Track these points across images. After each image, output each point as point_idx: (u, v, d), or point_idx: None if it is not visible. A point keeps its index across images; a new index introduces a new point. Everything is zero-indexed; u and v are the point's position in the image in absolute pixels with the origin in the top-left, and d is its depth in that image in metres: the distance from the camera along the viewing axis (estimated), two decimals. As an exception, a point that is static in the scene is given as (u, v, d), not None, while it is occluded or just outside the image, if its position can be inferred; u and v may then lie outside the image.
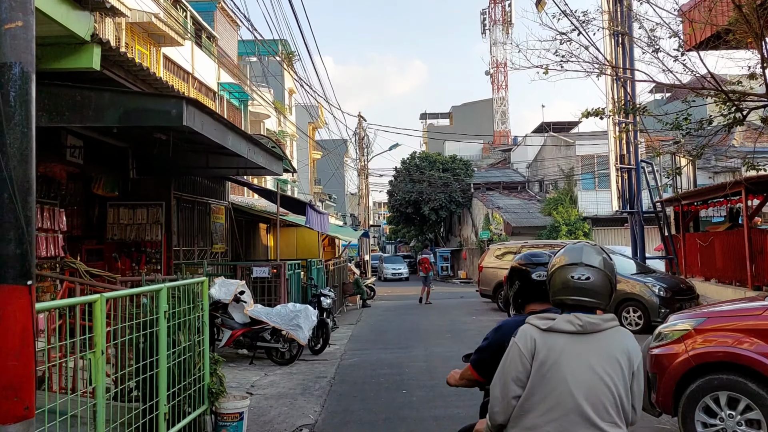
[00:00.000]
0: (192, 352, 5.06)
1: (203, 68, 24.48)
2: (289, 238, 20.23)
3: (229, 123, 6.82)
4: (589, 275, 2.21)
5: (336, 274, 16.85)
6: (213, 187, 13.29)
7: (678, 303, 10.98)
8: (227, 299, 8.90)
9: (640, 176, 16.55)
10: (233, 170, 9.79)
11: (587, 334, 2.17)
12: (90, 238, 9.38)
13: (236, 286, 8.99)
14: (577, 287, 2.21)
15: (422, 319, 15.13)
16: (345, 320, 15.21)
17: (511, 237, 32.64)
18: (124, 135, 8.27)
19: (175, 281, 5.19)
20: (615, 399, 2.12)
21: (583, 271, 2.22)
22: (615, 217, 33.99)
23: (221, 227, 13.75)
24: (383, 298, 23.17)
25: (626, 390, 2.15)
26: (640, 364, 2.24)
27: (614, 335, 2.20)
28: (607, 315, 2.25)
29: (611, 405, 2.11)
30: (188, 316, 5.07)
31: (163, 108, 5.59)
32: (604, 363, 2.13)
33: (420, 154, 45.02)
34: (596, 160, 34.89)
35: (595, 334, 2.17)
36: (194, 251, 12.05)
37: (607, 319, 2.22)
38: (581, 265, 2.23)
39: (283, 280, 9.71)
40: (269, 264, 10.02)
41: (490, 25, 70.39)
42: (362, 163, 27.46)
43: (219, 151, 9.01)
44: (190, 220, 11.94)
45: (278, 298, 9.64)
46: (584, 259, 2.25)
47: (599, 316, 2.22)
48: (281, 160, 9.53)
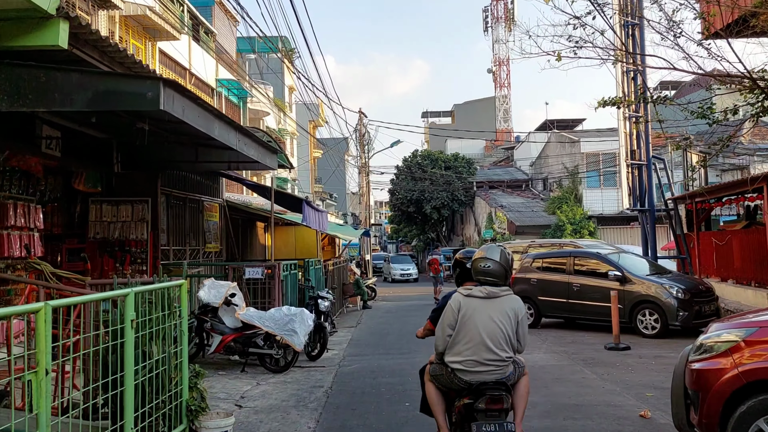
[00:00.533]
0: (167, 365, 4.46)
1: (201, 64, 23.89)
2: (287, 238, 19.64)
3: (215, 110, 6.22)
4: (490, 264, 3.73)
5: (335, 275, 16.26)
6: (206, 183, 12.70)
7: (697, 306, 10.37)
8: (217, 302, 8.30)
9: (651, 173, 15.93)
10: (224, 164, 9.20)
11: (491, 299, 3.70)
12: (71, 236, 8.79)
13: (227, 288, 8.39)
14: (483, 272, 3.75)
15: (424, 321, 14.45)
16: (345, 323, 14.61)
17: (515, 236, 32.07)
18: (106, 125, 7.67)
19: (150, 284, 4.60)
20: (505, 336, 3.64)
21: (487, 262, 3.74)
22: (621, 215, 33.41)
23: (215, 226, 13.17)
24: (385, 299, 22.59)
25: (513, 332, 3.68)
26: (524, 316, 3.78)
27: (508, 299, 3.73)
28: (504, 287, 3.74)
29: (503, 340, 3.64)
30: (163, 324, 4.48)
31: (137, 90, 5.00)
32: (500, 315, 3.64)
33: (422, 152, 44.36)
34: (601, 158, 34.27)
35: (495, 298, 3.70)
36: (186, 251, 11.46)
37: (504, 290, 3.74)
38: (486, 258, 3.75)
39: (277, 282, 9.10)
40: (263, 264, 9.40)
41: (492, 22, 69.76)
42: (363, 160, 26.83)
43: (208, 143, 8.43)
44: (181, 218, 11.35)
45: (272, 300, 9.04)
46: (488, 254, 3.77)
47: (499, 288, 3.72)
48: (275, 153, 8.93)
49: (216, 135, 6.38)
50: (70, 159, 8.41)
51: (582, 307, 11.36)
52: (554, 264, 12.17)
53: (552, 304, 11.86)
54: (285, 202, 13.37)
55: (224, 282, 8.61)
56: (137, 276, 8.56)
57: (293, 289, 10.18)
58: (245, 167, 9.28)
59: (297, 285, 10.41)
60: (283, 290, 9.17)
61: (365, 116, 26.44)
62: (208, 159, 9.03)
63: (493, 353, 3.61)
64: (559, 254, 12.71)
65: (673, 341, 10.06)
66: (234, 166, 9.16)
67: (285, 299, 9.33)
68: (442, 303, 4.00)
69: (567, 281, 11.61)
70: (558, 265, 12.04)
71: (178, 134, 8.02)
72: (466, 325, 3.65)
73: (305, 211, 10.40)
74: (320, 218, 12.13)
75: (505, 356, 3.65)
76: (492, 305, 3.66)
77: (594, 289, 11.19)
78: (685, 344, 9.81)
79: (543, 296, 11.99)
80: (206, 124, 6.06)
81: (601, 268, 11.33)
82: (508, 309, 3.68)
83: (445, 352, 3.76)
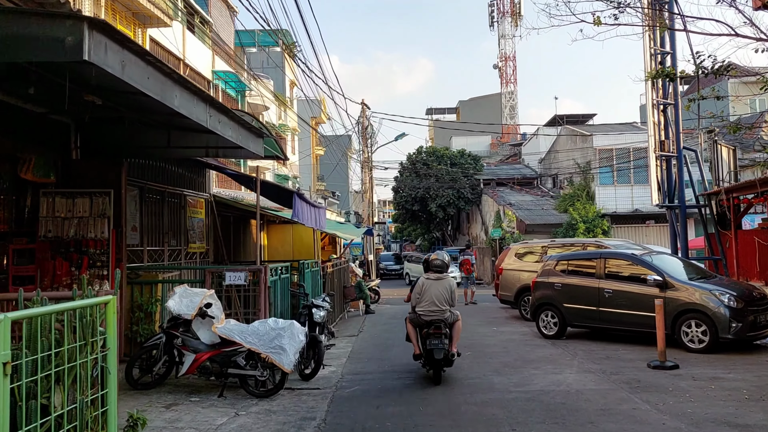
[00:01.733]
0: (78, 420, 3.10)
1: (196, 55, 22.56)
2: (284, 237, 18.26)
3: (175, 73, 4.85)
4: (438, 262, 8.05)
5: (335, 277, 14.90)
6: (190, 176, 11.35)
7: (752, 315, 8.95)
8: (189, 314, 6.94)
9: (682, 165, 14.50)
10: (201, 150, 7.82)
11: (437, 279, 7.88)
12: (20, 235, 7.43)
13: (201, 296, 7.03)
14: (434, 265, 8.04)
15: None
16: (345, 330, 13.24)
17: (525, 235, 30.71)
18: (56, 101, 6.30)
19: (61, 300, 3.24)
20: (444, 298, 7.77)
21: (437, 260, 8.05)
22: (635, 213, 31.95)
23: (200, 223, 11.81)
24: (389, 302, 21.20)
25: (449, 296, 7.82)
26: (454, 287, 7.97)
27: (446, 280, 7.92)
28: (444, 273, 8.01)
29: (443, 300, 7.76)
30: (75, 361, 3.12)
31: (52, 34, 3.63)
32: (441, 288, 7.77)
33: (427, 148, 42.87)
34: (615, 154, 32.82)
35: (440, 279, 7.88)
36: (164, 251, 10.11)
37: (444, 275, 7.99)
38: (437, 258, 8.08)
39: (263, 289, 7.70)
40: (246, 268, 8.00)
41: (498, 17, 68.24)
42: (366, 154, 25.38)
43: (183, 125, 7.06)
44: (158, 215, 10.00)
45: (258, 311, 7.66)
46: (438, 257, 8.13)
47: (442, 273, 7.98)
48: (261, 137, 7.56)
49: (176, 106, 5.00)
50: (16, 143, 7.07)
51: (615, 315, 9.94)
52: (582, 267, 10.75)
53: (580, 312, 10.46)
54: (273, 194, 11.84)
55: (199, 290, 7.24)
56: (96, 282, 7.20)
57: (284, 297, 8.80)
58: (227, 154, 7.89)
59: (289, 291, 9.02)
60: (270, 298, 7.78)
61: (368, 108, 24.96)
62: (182, 144, 7.66)
63: (437, 306, 7.72)
64: (587, 255, 11.27)
65: (725, 357, 8.65)
66: (213, 152, 7.78)
67: (273, 309, 7.94)
68: (414, 282, 8.24)
69: (597, 286, 10.20)
70: (586, 268, 10.63)
71: (141, 112, 6.66)
72: (425, 293, 7.80)
73: (296, 205, 8.92)
74: (317, 215, 10.70)
75: (444, 308, 7.73)
76: (438, 283, 7.83)
77: (630, 296, 9.78)
78: (740, 360, 8.43)
79: (569, 303, 10.58)
80: (161, 89, 4.69)
81: (638, 271, 9.91)
82: (447, 284, 7.86)
83: (415, 306, 7.89)
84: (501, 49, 67.11)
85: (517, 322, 13.67)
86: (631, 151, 32.30)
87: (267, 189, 11.03)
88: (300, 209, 8.98)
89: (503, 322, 13.94)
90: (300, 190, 8.98)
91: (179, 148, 7.73)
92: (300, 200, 9.05)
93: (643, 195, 32.39)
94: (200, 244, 11.68)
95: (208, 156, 7.98)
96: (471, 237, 41.29)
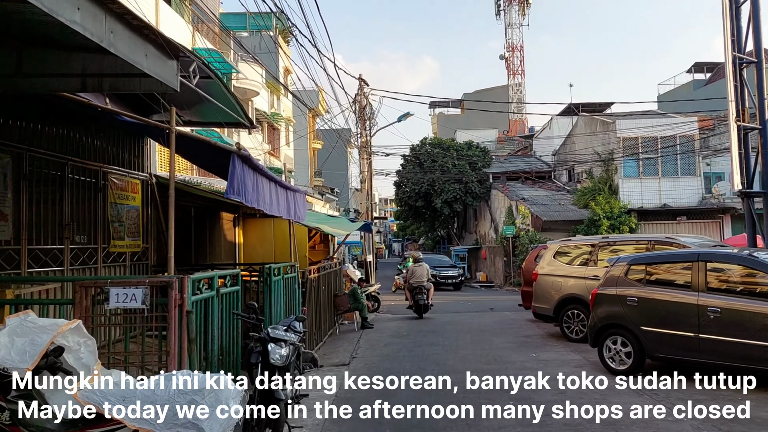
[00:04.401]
0: None
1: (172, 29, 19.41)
2: (263, 233, 15.03)
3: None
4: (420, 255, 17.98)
5: (322, 284, 11.74)
6: (113, 148, 8.18)
7: None
8: (24, 366, 3.77)
9: (767, 140, 11.33)
10: (74, 79, 4.63)
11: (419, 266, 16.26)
12: None
13: (49, 336, 3.86)
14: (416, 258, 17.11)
15: (450, 354, 9.94)
16: (333, 354, 10.10)
17: (541, 233, 27.59)
18: None
19: None
20: (425, 276, 15.88)
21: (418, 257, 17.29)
22: (664, 209, 28.77)
23: (134, 213, 8.64)
24: (391, 310, 18.06)
25: (427, 275, 16.01)
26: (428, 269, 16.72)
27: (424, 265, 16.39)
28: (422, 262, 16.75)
29: (423, 277, 15.83)
30: None
31: None
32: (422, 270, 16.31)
33: (431, 140, 39.60)
34: (640, 142, 29.59)
35: (421, 266, 16.22)
36: (64, 251, 6.95)
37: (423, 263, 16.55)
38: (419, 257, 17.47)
39: (174, 317, 4.47)
40: (147, 281, 4.69)
41: (505, 5, 64.96)
42: (364, 138, 22.11)
43: (44, 38, 3.90)
44: (54, 198, 6.84)
45: (167, 355, 4.46)
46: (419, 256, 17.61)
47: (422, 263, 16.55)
48: (175, 58, 4.39)
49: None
50: None
51: (726, 347, 6.73)
52: (669, 273, 7.55)
53: (667, 338, 7.24)
54: (208, 159, 7.87)
55: (49, 321, 4.05)
56: None
57: (225, 326, 5.58)
58: (117, 85, 4.68)
59: (235, 317, 5.75)
60: (191, 332, 4.57)
61: (366, 84, 21.67)
62: (41, 71, 4.50)
63: (420, 280, 15.74)
64: (677, 257, 7.97)
65: None
66: (95, 83, 4.63)
67: (199, 350, 4.75)
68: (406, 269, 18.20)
69: (695, 303, 7.00)
70: (676, 276, 7.44)
71: None
72: (415, 272, 15.90)
73: (234, 172, 5.19)
74: (287, 198, 7.31)
75: (424, 281, 15.75)
76: (420, 267, 16.05)
77: (749, 318, 6.60)
78: None
79: (650, 326, 7.38)
80: None
81: (761, 281, 6.73)
82: (425, 268, 16.04)
83: (409, 280, 16.09)
84: (508, 39, 63.98)
85: (559, 344, 10.47)
86: (659, 140, 29.10)
87: (194, 148, 7.14)
88: (242, 182, 5.30)
89: (541, 343, 10.70)
90: (241, 148, 5.57)
91: (37, 77, 4.54)
92: (245, 167, 5.47)
93: (672, 188, 29.19)
94: (132, 241, 8.51)
95: (85, 90, 4.81)
96: (479, 235, 38.11)
